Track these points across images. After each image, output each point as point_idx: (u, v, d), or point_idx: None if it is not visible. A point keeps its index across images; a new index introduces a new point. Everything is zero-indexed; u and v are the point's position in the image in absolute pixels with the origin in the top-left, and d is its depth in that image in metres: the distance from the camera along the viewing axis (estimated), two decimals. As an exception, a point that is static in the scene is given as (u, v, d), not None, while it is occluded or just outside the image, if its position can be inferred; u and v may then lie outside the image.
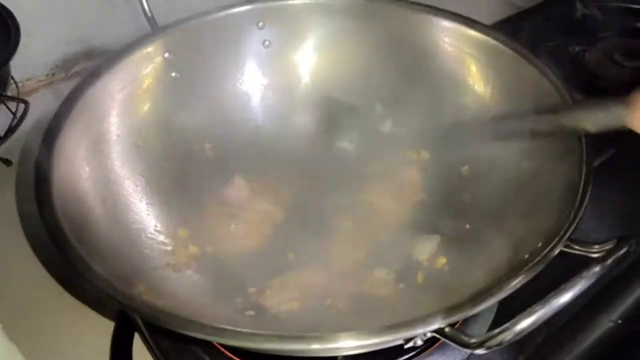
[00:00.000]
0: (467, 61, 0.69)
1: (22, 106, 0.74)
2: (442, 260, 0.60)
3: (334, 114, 0.75)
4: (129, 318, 0.58)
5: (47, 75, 0.94)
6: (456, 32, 0.69)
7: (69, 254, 0.46)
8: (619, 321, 0.58)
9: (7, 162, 0.76)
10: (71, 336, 0.58)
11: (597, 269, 0.40)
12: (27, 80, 0.70)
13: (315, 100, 0.76)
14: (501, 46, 0.66)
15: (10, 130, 0.70)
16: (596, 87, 0.90)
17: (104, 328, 0.58)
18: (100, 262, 0.47)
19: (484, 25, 0.68)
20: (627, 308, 0.59)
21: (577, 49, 0.96)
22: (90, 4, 0.90)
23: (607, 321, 0.58)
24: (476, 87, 0.68)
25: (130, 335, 0.58)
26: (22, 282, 0.62)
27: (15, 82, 0.77)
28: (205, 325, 0.40)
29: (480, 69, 0.68)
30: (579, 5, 1.04)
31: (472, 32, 0.68)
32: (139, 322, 0.57)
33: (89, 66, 0.96)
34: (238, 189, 0.66)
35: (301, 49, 0.76)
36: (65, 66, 0.95)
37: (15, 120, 0.72)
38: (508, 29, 0.95)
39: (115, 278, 0.45)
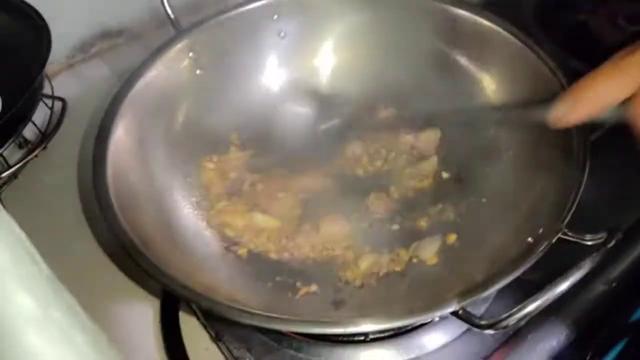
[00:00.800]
0: (477, 50, 0.73)
1: (58, 103, 0.78)
2: (453, 237, 0.66)
3: (348, 108, 0.79)
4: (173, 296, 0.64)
5: (66, 57, 0.97)
6: (461, 19, 0.72)
7: (126, 246, 0.53)
8: (614, 284, 0.65)
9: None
10: (120, 310, 0.65)
11: (589, 260, 0.46)
12: (49, 64, 0.74)
13: (331, 91, 0.81)
14: (503, 32, 0.69)
15: (53, 129, 0.75)
16: (600, 54, 0.92)
17: (151, 303, 0.65)
18: (152, 254, 0.53)
19: (489, 12, 0.71)
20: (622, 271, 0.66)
21: (581, 16, 0.98)
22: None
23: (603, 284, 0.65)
24: (485, 78, 0.73)
25: (176, 308, 0.64)
26: (85, 263, 0.68)
27: (49, 80, 0.81)
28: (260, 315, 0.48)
29: (486, 57, 0.72)
30: (582, -31, 1.04)
31: (480, 20, 0.71)
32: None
33: (105, 47, 1.00)
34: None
35: (316, 39, 0.79)
36: (83, 48, 0.98)
37: (56, 118, 0.76)
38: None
39: (168, 268, 0.52)
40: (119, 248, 0.54)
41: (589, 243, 0.50)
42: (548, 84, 0.63)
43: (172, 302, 0.64)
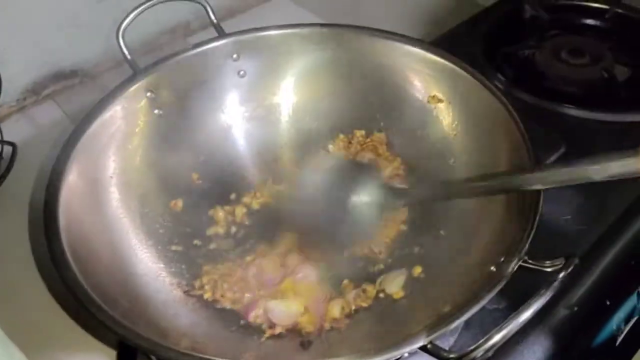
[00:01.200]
0: (429, 82, 0.76)
1: (8, 147, 0.76)
2: (418, 269, 0.66)
3: (312, 142, 0.80)
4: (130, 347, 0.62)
5: (17, 100, 0.95)
6: (415, 56, 0.75)
7: (80, 297, 0.51)
8: (575, 308, 0.66)
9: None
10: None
11: (551, 287, 0.47)
12: (-2, 107, 0.73)
13: (293, 127, 0.81)
14: (457, 69, 0.72)
15: (2, 174, 0.72)
16: (546, 87, 0.97)
17: (106, 355, 0.62)
18: (107, 302, 0.51)
19: (438, 48, 0.74)
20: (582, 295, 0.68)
21: (526, 52, 1.03)
22: (58, 29, 0.92)
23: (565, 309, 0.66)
24: (439, 107, 0.75)
25: None
26: (37, 315, 0.65)
27: (-2, 125, 0.78)
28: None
29: (443, 89, 0.74)
30: (527, 7, 1.10)
31: (430, 56, 0.74)
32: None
33: (58, 88, 0.98)
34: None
35: (276, 77, 0.80)
36: (35, 90, 0.96)
37: (5, 163, 0.74)
38: (461, 38, 1.03)
39: (124, 318, 0.50)
40: (72, 298, 0.51)
41: (549, 270, 0.51)
42: (499, 115, 0.66)
43: (129, 353, 0.61)
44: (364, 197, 0.71)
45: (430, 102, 0.75)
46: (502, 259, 0.53)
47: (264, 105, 0.81)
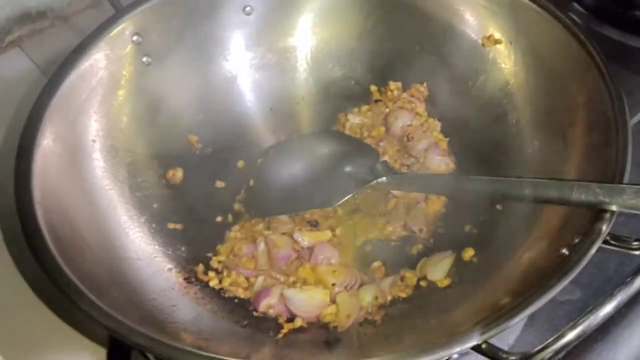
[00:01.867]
0: (484, 17, 0.74)
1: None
2: (470, 252, 0.66)
3: (336, 95, 0.80)
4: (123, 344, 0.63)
5: (-24, 48, 0.95)
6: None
7: (61, 285, 0.52)
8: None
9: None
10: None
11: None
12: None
13: (313, 76, 0.81)
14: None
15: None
16: (637, 19, 0.94)
17: (95, 354, 0.63)
18: (93, 290, 0.52)
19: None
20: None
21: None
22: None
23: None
24: (498, 49, 0.73)
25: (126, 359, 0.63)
26: (9, 305, 0.66)
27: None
28: None
29: (502, 26, 0.73)
30: None
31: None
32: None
33: (25, 33, 0.98)
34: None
35: (291, 15, 0.79)
36: (-2, 36, 0.97)
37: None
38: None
39: (115, 310, 0.51)
40: (52, 286, 0.52)
41: (637, 252, 0.50)
42: (575, 56, 0.64)
43: (122, 351, 0.63)
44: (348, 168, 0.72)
45: (485, 44, 0.74)
46: (577, 240, 0.52)
47: (276, 49, 0.80)
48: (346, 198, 0.69)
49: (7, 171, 0.59)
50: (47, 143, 0.62)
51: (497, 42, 0.73)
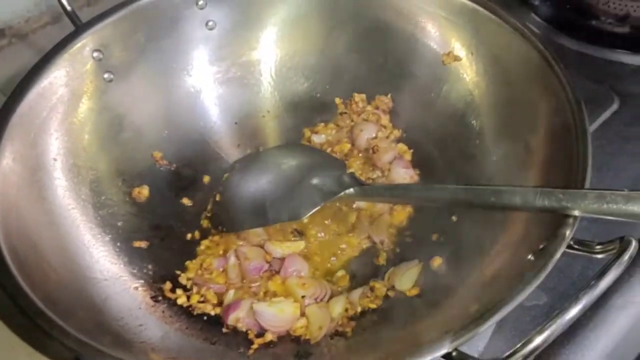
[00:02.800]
0: (446, 28, 0.75)
1: None
2: (438, 261, 0.66)
3: (301, 108, 0.81)
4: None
5: None
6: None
7: (25, 308, 0.51)
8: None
9: None
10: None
11: (603, 277, 0.47)
12: None
13: (278, 90, 0.81)
14: (481, 10, 0.71)
15: None
16: (594, 29, 0.94)
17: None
18: (58, 312, 0.51)
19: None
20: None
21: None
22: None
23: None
24: (464, 70, 0.74)
25: None
26: None
27: None
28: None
29: (463, 37, 0.74)
30: None
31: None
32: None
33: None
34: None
35: (254, 28, 0.79)
36: (-47, 54, 0.95)
37: None
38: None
39: (79, 330, 0.50)
40: (14, 308, 0.51)
41: (600, 255, 0.51)
42: (535, 65, 0.66)
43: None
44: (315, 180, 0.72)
45: (445, 61, 0.75)
46: (542, 245, 0.53)
47: (239, 63, 0.80)
48: (314, 210, 0.69)
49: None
50: (6, 163, 0.61)
51: (456, 58, 0.75)
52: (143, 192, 0.73)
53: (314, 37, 0.81)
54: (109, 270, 0.65)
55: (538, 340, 0.46)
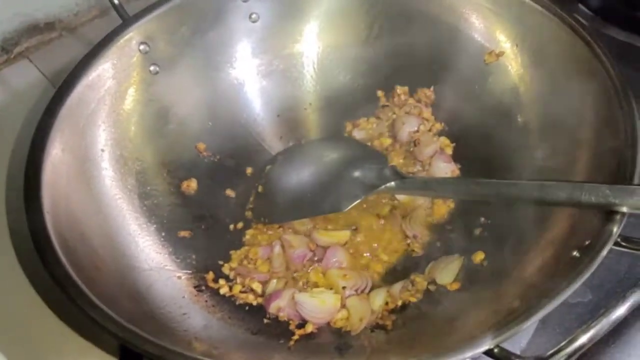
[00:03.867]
0: (490, 20, 0.74)
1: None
2: (480, 256, 0.66)
3: (343, 101, 0.80)
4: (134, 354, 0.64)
5: (-16, 61, 0.96)
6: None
7: (71, 294, 0.52)
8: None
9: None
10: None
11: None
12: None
13: (320, 82, 0.82)
14: (527, 1, 0.69)
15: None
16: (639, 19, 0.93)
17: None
18: (104, 299, 0.52)
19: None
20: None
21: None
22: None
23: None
24: (509, 62, 0.73)
25: None
26: (20, 315, 0.66)
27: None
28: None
29: (508, 29, 0.73)
30: None
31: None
32: None
33: (33, 44, 0.99)
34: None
35: (297, 21, 0.80)
36: (6, 47, 0.97)
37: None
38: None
39: (126, 319, 0.51)
40: (62, 296, 0.52)
41: (649, 254, 0.50)
42: (583, 58, 0.64)
43: None
44: (357, 173, 0.72)
45: (487, 60, 0.74)
46: (588, 242, 0.52)
47: (282, 55, 0.81)
48: (355, 203, 0.69)
49: (17, 182, 0.60)
50: (56, 153, 0.62)
51: (499, 56, 0.74)
52: (192, 185, 0.74)
53: (356, 29, 0.80)
54: (153, 259, 0.66)
55: (583, 339, 0.45)
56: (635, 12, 0.93)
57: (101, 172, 0.67)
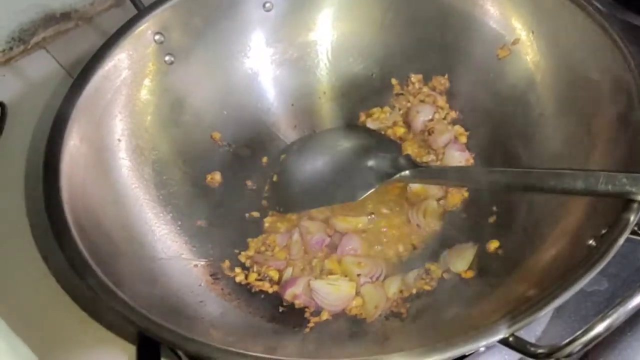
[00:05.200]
0: (505, 6, 0.73)
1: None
2: (495, 244, 0.65)
3: (357, 89, 0.80)
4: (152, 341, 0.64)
5: (2, 51, 0.96)
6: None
7: (90, 283, 0.53)
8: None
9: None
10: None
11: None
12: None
13: (334, 71, 0.81)
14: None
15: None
16: None
17: (124, 351, 0.63)
18: (122, 288, 0.53)
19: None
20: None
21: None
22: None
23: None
24: (524, 49, 0.72)
25: (156, 355, 0.63)
26: (40, 304, 0.67)
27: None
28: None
29: (523, 15, 0.72)
30: None
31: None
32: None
33: (49, 35, 0.99)
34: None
35: (311, 10, 0.79)
36: (22, 37, 0.97)
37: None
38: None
39: (144, 307, 0.52)
40: (82, 285, 0.53)
41: (666, 242, 0.49)
42: (599, 44, 0.63)
43: (151, 348, 0.62)
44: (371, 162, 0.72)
45: (500, 55, 0.73)
46: (604, 230, 0.51)
47: (296, 44, 0.80)
48: (369, 192, 0.69)
49: (35, 172, 0.60)
50: (73, 143, 0.63)
51: (511, 49, 0.73)
52: (216, 177, 0.75)
53: (370, 17, 0.80)
54: (170, 247, 0.66)
55: (600, 328, 0.44)
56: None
57: (118, 161, 0.68)
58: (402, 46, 0.80)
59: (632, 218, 0.50)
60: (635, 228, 0.50)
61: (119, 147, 0.68)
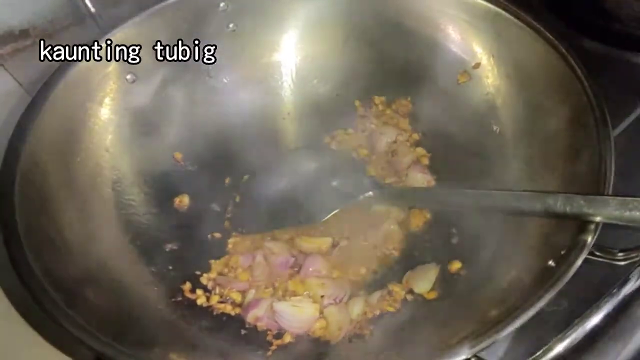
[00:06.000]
0: (467, 31, 0.75)
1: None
2: (457, 265, 0.66)
3: (321, 111, 0.81)
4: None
5: (-41, 68, 0.95)
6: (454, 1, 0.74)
7: (46, 307, 0.51)
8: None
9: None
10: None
11: (625, 284, 0.46)
12: None
13: (298, 92, 0.82)
14: (504, 13, 0.70)
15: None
16: (617, 32, 0.92)
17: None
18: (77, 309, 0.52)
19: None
20: None
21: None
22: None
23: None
24: (485, 73, 0.74)
25: None
26: None
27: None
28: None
29: (484, 40, 0.74)
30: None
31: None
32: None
33: (8, 52, 0.97)
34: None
35: (275, 31, 0.80)
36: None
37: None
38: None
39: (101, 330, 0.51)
40: (37, 306, 0.51)
41: (622, 263, 0.50)
42: (557, 68, 0.65)
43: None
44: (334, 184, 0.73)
45: (460, 80, 0.75)
46: (563, 251, 0.52)
47: (260, 65, 0.81)
48: (332, 214, 0.69)
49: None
50: (32, 161, 0.61)
51: (475, 67, 0.74)
52: (184, 200, 0.74)
53: (334, 40, 0.81)
54: (128, 270, 0.65)
55: (559, 347, 0.46)
56: (609, 23, 0.95)
57: (77, 181, 0.66)
58: (366, 69, 0.81)
59: (589, 239, 0.51)
60: (593, 249, 0.52)
61: (79, 166, 0.67)
